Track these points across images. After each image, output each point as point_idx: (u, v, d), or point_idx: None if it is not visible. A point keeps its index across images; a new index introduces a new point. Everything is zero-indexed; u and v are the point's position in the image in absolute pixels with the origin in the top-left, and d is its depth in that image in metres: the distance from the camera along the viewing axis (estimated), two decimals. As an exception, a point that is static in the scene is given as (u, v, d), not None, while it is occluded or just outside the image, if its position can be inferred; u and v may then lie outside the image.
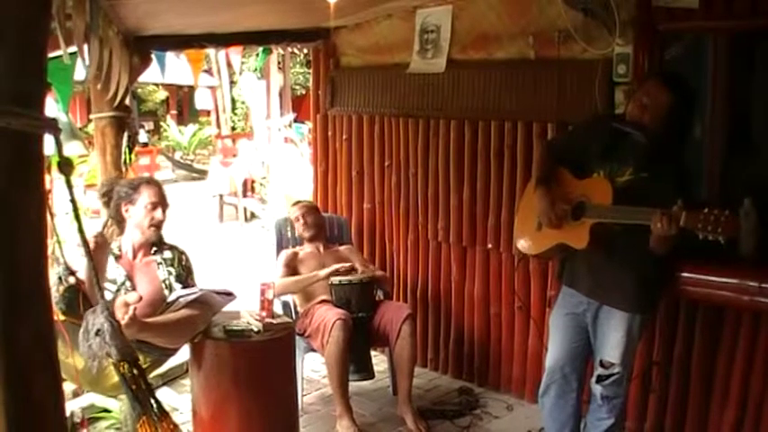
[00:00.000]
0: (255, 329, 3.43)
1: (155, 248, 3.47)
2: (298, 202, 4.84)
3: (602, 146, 3.13)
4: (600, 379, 3.19)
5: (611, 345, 3.13)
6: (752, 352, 3.36)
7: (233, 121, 18.30)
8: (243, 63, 12.17)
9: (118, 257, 3.40)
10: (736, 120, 3.63)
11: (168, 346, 3.26)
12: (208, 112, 19.46)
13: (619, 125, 3.10)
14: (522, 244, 3.46)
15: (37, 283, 1.39)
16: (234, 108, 18.34)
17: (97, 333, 2.10)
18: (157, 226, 3.44)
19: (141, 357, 3.13)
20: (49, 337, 1.44)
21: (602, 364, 3.18)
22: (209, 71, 16.79)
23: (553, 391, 3.36)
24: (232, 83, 17.20)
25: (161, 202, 3.45)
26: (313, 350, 4.19)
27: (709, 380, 3.55)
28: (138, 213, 3.41)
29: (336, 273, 4.20)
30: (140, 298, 3.14)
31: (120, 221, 3.48)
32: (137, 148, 5.01)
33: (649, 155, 3.03)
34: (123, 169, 4.18)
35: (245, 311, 3.60)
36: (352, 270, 4.34)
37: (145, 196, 3.41)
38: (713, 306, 3.43)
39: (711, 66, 3.60)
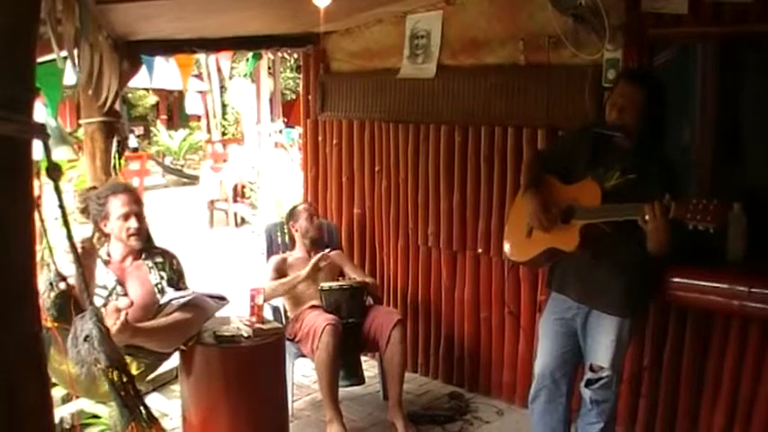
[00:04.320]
0: (245, 335, 3.42)
1: (144, 254, 3.44)
2: (303, 203, 4.84)
3: (589, 152, 3.14)
4: (589, 383, 3.20)
5: (601, 349, 3.14)
6: (741, 356, 3.37)
7: (223, 126, 18.23)
8: (233, 68, 12.19)
9: (107, 262, 3.37)
10: (726, 125, 3.65)
11: (162, 350, 3.24)
12: (198, 117, 19.35)
13: (601, 130, 3.11)
14: (512, 252, 3.46)
15: (24, 289, 1.38)
16: (224, 113, 18.29)
17: (86, 339, 2.09)
18: (136, 234, 3.37)
19: (135, 363, 3.14)
20: (37, 343, 1.43)
21: (591, 368, 3.18)
22: (199, 76, 16.74)
23: (543, 397, 3.36)
24: (222, 88, 17.16)
25: (132, 211, 3.36)
26: (303, 355, 4.18)
27: (698, 384, 3.56)
28: (113, 227, 3.36)
29: (317, 268, 4.19)
30: (131, 303, 3.13)
31: (104, 235, 3.45)
32: (127, 153, 5.00)
33: (635, 156, 3.04)
34: (113, 174, 4.16)
35: (236, 317, 3.59)
36: (340, 273, 4.34)
37: (115, 208, 3.34)
38: (703, 311, 3.44)
39: (700, 71, 3.63)
